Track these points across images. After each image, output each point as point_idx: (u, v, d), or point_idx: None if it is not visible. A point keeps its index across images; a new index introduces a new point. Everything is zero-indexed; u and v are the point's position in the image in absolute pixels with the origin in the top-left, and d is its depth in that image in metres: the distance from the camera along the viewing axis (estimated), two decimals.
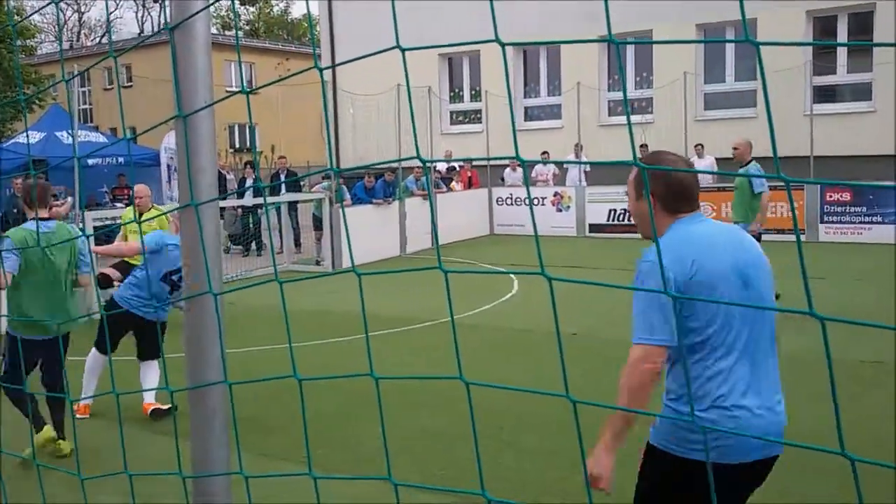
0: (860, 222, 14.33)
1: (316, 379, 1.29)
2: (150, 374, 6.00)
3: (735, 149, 9.12)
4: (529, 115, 20.76)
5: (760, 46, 0.94)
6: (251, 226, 14.98)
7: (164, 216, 7.76)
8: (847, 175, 14.84)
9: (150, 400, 5.89)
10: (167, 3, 1.59)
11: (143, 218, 7.79)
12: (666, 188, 2.57)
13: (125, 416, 5.76)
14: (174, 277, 5.87)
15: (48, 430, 5.09)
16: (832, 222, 14.60)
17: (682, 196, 2.58)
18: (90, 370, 5.92)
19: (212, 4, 1.58)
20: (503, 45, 1.19)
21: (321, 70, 1.41)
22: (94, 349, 6.00)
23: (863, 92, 16.66)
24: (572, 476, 4.58)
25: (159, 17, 42.79)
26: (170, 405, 5.68)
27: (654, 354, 2.47)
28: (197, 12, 1.56)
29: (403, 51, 1.32)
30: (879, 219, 14.15)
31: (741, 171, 9.23)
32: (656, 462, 2.62)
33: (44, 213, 5.35)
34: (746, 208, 8.73)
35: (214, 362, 1.52)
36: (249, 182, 16.01)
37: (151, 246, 5.88)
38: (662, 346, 2.45)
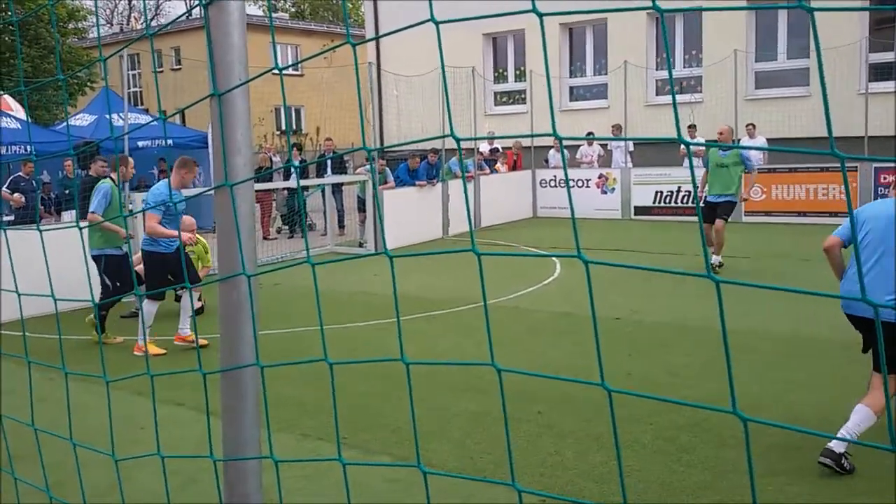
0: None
1: (345, 363, 1.27)
2: (185, 301, 7.46)
3: (720, 134, 10.09)
4: (575, 95, 20.49)
5: (815, 13, 0.87)
6: (297, 206, 15.11)
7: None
8: None
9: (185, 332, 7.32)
10: None
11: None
12: None
13: (163, 396, 5.86)
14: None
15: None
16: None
17: None
18: (149, 316, 7.36)
19: None
20: (541, 15, 1.14)
21: (354, 45, 1.37)
22: (147, 300, 7.30)
23: None
24: (610, 460, 4.53)
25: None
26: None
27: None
28: None
29: (437, 24, 1.28)
30: None
31: (729, 153, 10.07)
32: None
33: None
34: (736, 182, 10.05)
35: (248, 343, 1.51)
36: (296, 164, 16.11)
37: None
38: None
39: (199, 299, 8.64)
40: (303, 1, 54.85)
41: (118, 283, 7.72)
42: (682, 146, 16.29)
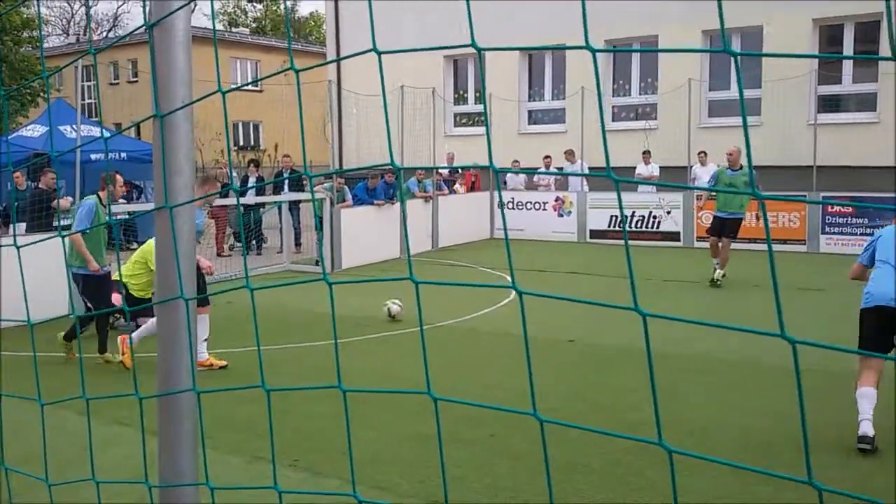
0: (861, 234, 14.27)
1: (281, 389, 1.26)
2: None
3: (730, 154, 11.04)
4: (533, 118, 20.73)
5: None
6: (252, 224, 14.95)
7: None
8: (850, 186, 14.77)
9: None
10: None
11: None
12: None
13: (116, 415, 5.73)
14: None
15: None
16: (833, 233, 14.54)
17: None
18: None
19: (191, 2, 1.54)
20: (479, 50, 1.15)
21: (297, 71, 1.37)
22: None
23: (868, 102, 16.60)
24: (564, 481, 4.55)
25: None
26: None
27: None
28: (176, 9, 1.52)
29: (380, 53, 1.29)
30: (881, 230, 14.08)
31: (738, 173, 11.06)
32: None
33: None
34: (745, 201, 11.12)
35: (185, 368, 1.49)
36: (252, 180, 15.97)
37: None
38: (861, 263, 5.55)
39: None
40: (264, 17, 54.67)
41: (98, 304, 7.46)
42: (638, 171, 16.55)
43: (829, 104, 16.93)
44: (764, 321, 8.82)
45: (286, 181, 14.99)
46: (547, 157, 17.64)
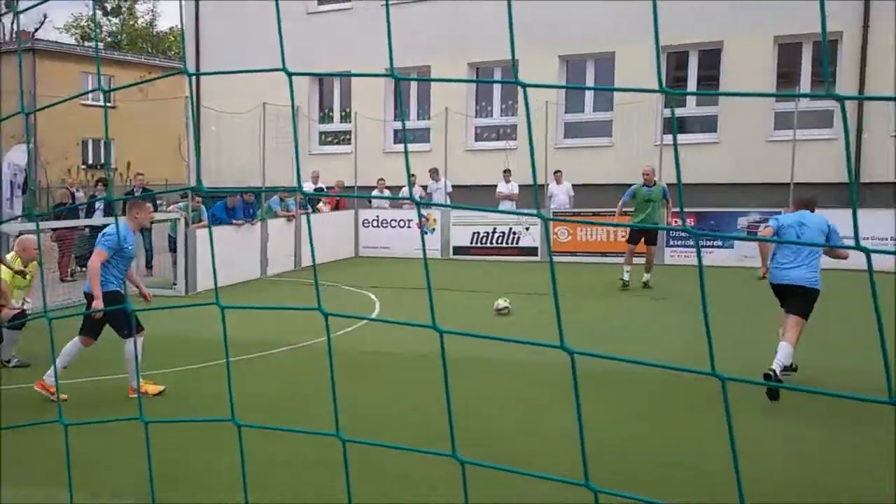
0: (703, 246, 15.25)
1: (78, 424, 1.19)
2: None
3: (646, 174, 12.50)
4: (399, 138, 20.88)
5: (535, 88, 0.94)
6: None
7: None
8: (694, 202, 15.72)
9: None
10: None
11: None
12: None
13: None
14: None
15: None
16: (677, 246, 15.47)
17: None
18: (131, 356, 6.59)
19: None
20: (290, 74, 1.15)
21: (105, 90, 1.32)
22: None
23: (710, 124, 17.78)
24: (431, 496, 4.57)
25: (12, 24, 40.24)
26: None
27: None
28: None
29: (190, 75, 1.26)
30: (720, 243, 15.12)
31: (653, 189, 12.54)
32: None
33: None
34: (659, 213, 12.63)
35: None
36: (101, 200, 15.16)
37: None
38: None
39: None
40: (121, 31, 52.36)
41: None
42: (499, 189, 17.00)
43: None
44: (594, 329, 9.24)
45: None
46: (412, 175, 17.80)
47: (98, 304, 6.47)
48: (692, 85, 18.00)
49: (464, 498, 1.16)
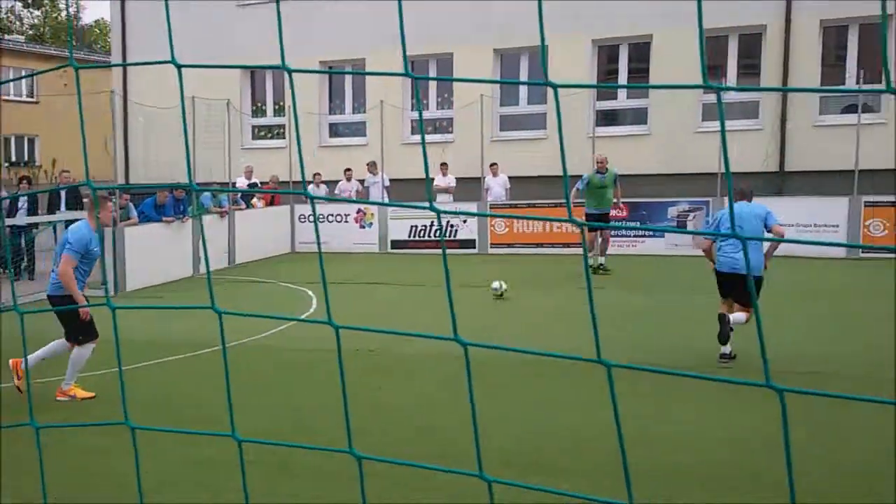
0: (635, 236, 15.53)
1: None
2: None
3: (599, 162, 13.23)
4: (334, 131, 20.66)
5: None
6: (23, 246, 13.61)
7: None
8: (625, 193, 15.97)
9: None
10: None
11: None
12: None
13: None
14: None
15: None
16: (617, 235, 15.71)
17: None
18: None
19: None
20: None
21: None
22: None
23: (640, 116, 18.09)
24: (353, 495, 4.52)
25: None
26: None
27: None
28: None
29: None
30: (651, 233, 15.41)
31: (606, 175, 13.17)
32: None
33: None
34: (610, 199, 13.31)
35: None
36: (23, 200, 14.60)
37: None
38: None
39: None
40: (43, 24, 50.50)
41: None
42: (436, 182, 16.96)
43: (608, 118, 18.28)
44: (548, 322, 9.33)
45: (62, 200, 13.84)
46: (348, 169, 17.65)
47: (84, 310, 6.84)
48: (623, 78, 18.29)
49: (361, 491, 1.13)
